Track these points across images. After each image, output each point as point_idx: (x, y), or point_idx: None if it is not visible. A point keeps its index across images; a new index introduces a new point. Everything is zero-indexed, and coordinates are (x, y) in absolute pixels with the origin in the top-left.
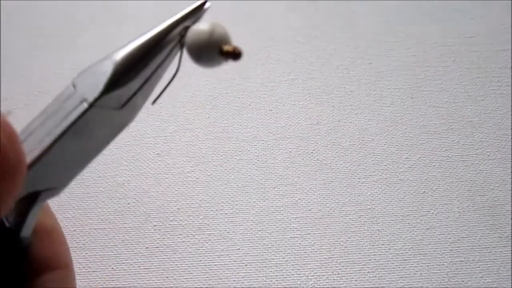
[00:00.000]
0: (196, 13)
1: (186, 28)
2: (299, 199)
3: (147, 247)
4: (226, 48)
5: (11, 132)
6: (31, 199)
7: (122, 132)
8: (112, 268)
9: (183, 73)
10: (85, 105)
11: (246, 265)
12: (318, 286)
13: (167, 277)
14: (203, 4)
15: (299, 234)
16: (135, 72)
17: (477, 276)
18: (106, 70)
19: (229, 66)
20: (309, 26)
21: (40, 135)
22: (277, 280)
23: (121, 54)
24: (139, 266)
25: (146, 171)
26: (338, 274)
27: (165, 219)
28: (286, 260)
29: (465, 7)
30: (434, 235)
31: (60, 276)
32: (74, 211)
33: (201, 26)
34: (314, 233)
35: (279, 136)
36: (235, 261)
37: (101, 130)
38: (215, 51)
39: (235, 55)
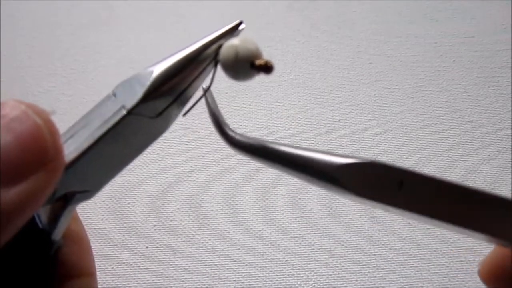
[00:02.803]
0: (232, 33)
1: (221, 47)
2: (299, 199)
3: (147, 247)
4: (258, 62)
5: (53, 129)
6: (66, 201)
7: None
8: (112, 268)
9: None
10: (123, 112)
11: (246, 265)
12: (318, 286)
13: (167, 277)
14: (238, 25)
15: (299, 234)
16: (171, 85)
17: (477, 276)
18: (145, 81)
19: None
20: (309, 26)
21: (80, 138)
22: (277, 280)
23: (159, 68)
24: (139, 266)
25: (146, 171)
26: (338, 274)
27: (165, 219)
28: (286, 260)
29: (465, 7)
30: (434, 235)
31: (86, 283)
32: None
33: (229, 43)
34: (314, 233)
35: (279, 136)
36: (235, 261)
37: (137, 137)
38: (245, 65)
39: (267, 68)
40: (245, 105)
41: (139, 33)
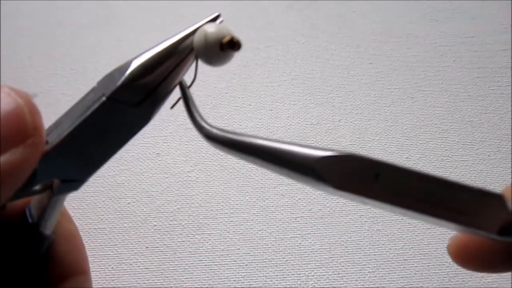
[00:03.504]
0: None
1: None
2: (299, 199)
3: (147, 247)
4: (224, 40)
5: (33, 108)
6: (52, 191)
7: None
8: (112, 268)
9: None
10: (103, 98)
11: (246, 265)
12: (318, 286)
13: (167, 277)
14: (216, 18)
15: (299, 234)
16: (150, 75)
17: (477, 276)
18: (125, 71)
19: (229, 66)
20: (309, 26)
21: (63, 126)
22: (277, 280)
23: (138, 60)
24: (139, 266)
25: (146, 171)
26: (338, 274)
27: (165, 219)
28: (286, 260)
29: (465, 7)
30: (434, 235)
31: (81, 282)
32: (73, 211)
33: (200, 30)
34: (314, 233)
35: (279, 136)
36: (235, 261)
37: (118, 125)
38: (215, 48)
39: (233, 44)
40: (245, 105)
41: (139, 33)
